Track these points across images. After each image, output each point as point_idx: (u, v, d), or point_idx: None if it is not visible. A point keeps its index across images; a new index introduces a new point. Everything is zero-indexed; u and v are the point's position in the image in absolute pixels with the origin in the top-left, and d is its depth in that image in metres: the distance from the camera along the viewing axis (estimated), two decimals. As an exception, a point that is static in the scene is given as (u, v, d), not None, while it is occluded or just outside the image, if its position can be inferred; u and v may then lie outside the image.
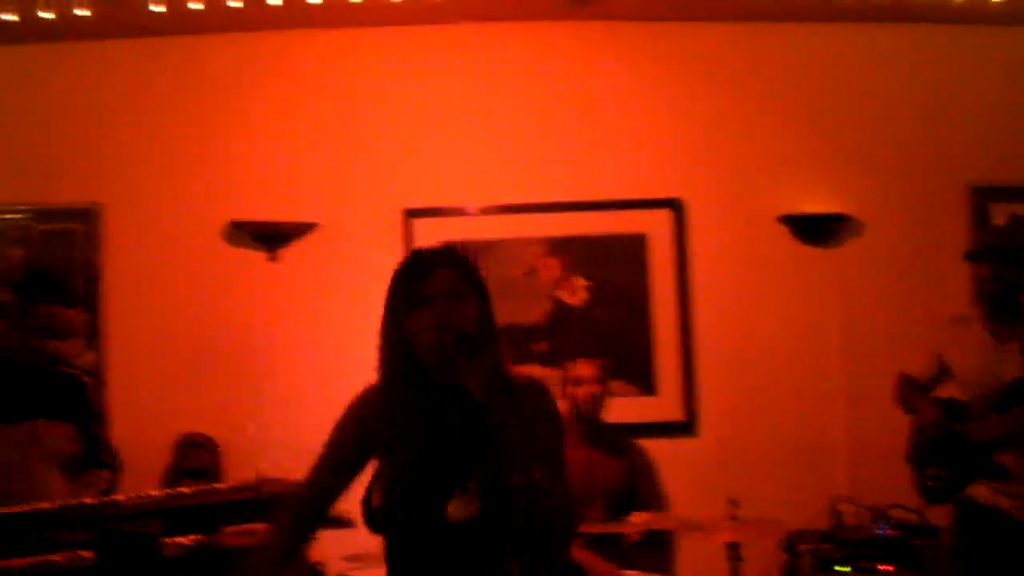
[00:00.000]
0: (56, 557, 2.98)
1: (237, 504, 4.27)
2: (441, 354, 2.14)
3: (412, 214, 5.35)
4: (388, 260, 5.25)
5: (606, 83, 5.48)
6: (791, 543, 4.85)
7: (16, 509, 3.06)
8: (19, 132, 5.47)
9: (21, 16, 5.03)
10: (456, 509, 2.09)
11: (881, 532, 4.67)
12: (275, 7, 5.05)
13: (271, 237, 5.25)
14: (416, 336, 2.17)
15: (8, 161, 5.44)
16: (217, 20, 5.16)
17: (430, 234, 5.32)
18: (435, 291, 2.18)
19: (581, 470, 4.51)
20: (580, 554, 4.13)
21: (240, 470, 4.78)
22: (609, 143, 5.44)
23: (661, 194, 5.42)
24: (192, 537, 3.19)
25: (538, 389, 2.26)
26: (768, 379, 5.34)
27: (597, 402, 4.56)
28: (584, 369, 4.58)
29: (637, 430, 4.82)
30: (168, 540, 3.13)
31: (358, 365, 5.32)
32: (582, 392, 4.55)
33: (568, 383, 4.61)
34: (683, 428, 5.36)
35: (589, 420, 4.55)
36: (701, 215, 5.42)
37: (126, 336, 5.28)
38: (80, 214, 5.38)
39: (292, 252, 5.31)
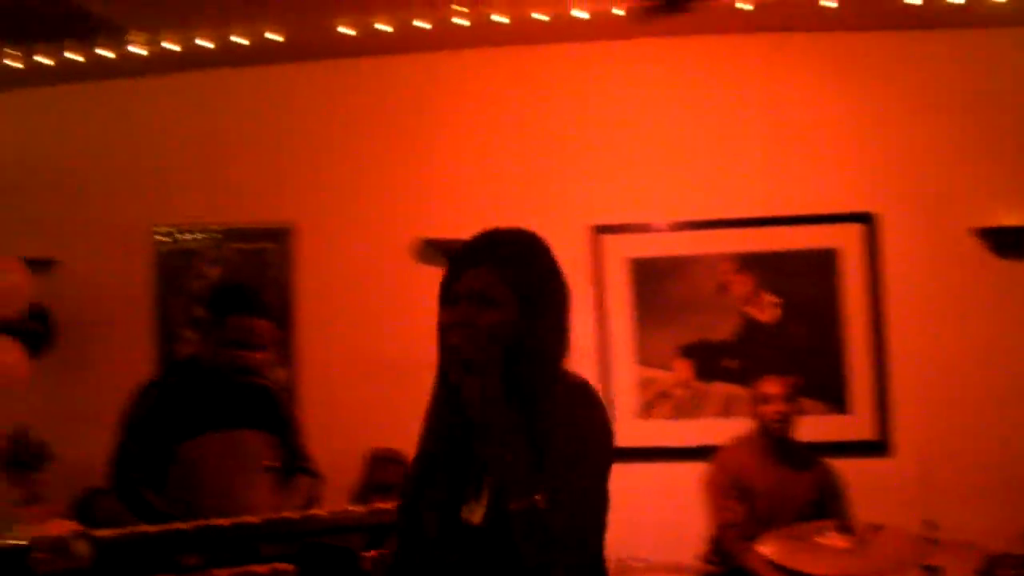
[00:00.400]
0: (258, 568, 3.03)
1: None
2: (446, 366, 2.03)
3: (601, 230, 5.33)
4: (576, 277, 5.30)
5: (795, 96, 5.38)
6: (990, 567, 4.71)
7: (223, 521, 3.12)
8: (214, 155, 5.63)
9: (216, 43, 5.14)
10: (469, 513, 2.02)
11: (1084, 558, 4.50)
12: (462, 27, 5.05)
13: (461, 254, 5.25)
14: (439, 335, 2.04)
15: (204, 183, 5.59)
16: (405, 41, 5.20)
17: (619, 250, 5.33)
18: (463, 291, 2.02)
19: (770, 489, 4.48)
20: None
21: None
22: (799, 157, 5.34)
23: (853, 208, 5.30)
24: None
25: (579, 395, 2.07)
26: (965, 397, 5.19)
27: (786, 420, 4.51)
28: (772, 387, 4.52)
29: (828, 449, 4.75)
30: (366, 554, 3.15)
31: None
32: (770, 410, 4.50)
33: (757, 401, 4.56)
34: (876, 448, 5.23)
35: (778, 438, 4.51)
36: (894, 229, 5.29)
37: (318, 353, 5.36)
38: (273, 233, 5.49)
39: (482, 269, 5.31)
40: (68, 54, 5.34)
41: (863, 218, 5.28)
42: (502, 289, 2.00)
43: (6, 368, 5.37)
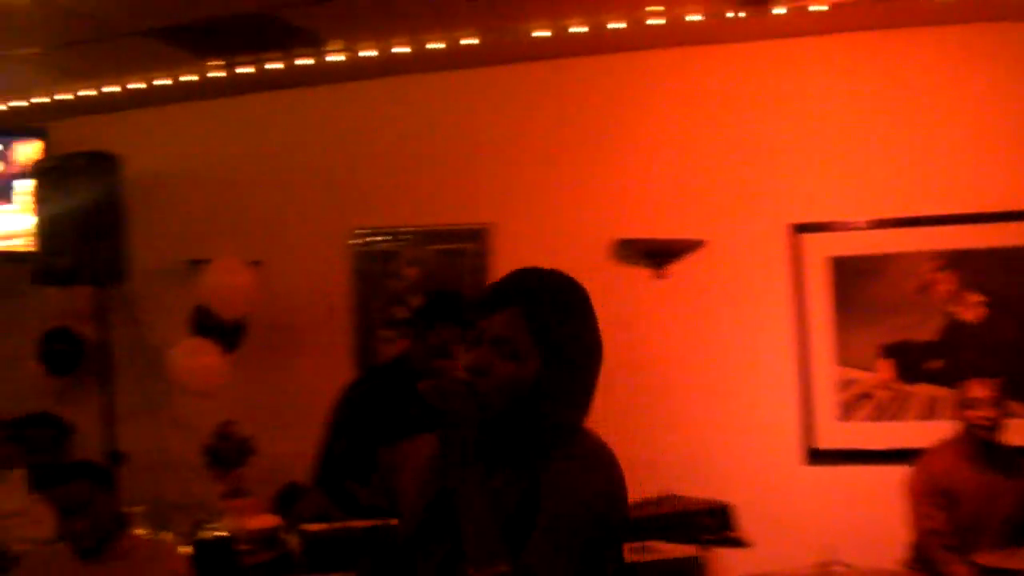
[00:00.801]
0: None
1: (642, 520, 4.32)
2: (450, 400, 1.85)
3: (800, 229, 5.26)
4: (775, 277, 5.28)
5: (1001, 87, 5.19)
6: None
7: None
8: (412, 157, 5.73)
9: (412, 48, 5.24)
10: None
11: None
12: (657, 26, 5.04)
13: (659, 254, 5.28)
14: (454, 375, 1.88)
15: (404, 185, 5.71)
16: (599, 42, 5.22)
17: (818, 249, 5.25)
18: (487, 335, 1.86)
19: (976, 496, 4.37)
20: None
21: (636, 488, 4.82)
22: (1004, 150, 5.16)
23: (1062, 202, 5.12)
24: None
25: (589, 461, 1.86)
26: None
27: (994, 425, 4.39)
28: (979, 390, 4.42)
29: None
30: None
31: (745, 382, 5.35)
32: (978, 415, 4.39)
33: (962, 405, 4.46)
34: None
35: (985, 443, 4.40)
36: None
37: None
38: (471, 234, 5.57)
39: (679, 269, 5.32)
40: (269, 64, 5.51)
41: (1074, 213, 5.10)
42: (525, 338, 1.85)
43: (207, 371, 5.59)
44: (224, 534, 4.46)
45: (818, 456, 5.19)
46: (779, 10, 4.83)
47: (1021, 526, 4.38)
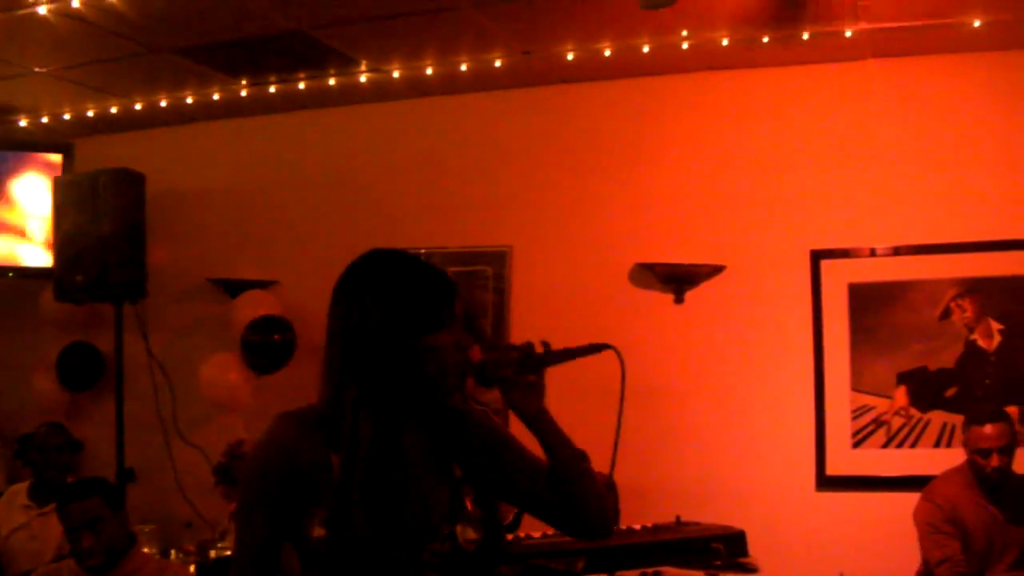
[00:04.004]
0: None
1: (654, 545, 4.32)
2: (454, 378, 2.11)
3: (820, 255, 5.26)
4: (793, 303, 5.27)
5: (1020, 115, 5.21)
6: None
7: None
8: (436, 178, 5.80)
9: (440, 70, 5.29)
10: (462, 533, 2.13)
11: None
12: (680, 50, 5.07)
13: (679, 279, 5.29)
14: (434, 355, 2.05)
15: (426, 206, 5.75)
16: (623, 65, 5.26)
17: (838, 276, 5.25)
18: (459, 315, 2.11)
19: (984, 525, 4.37)
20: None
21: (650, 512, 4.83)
22: (1024, 178, 5.18)
23: (1082, 231, 5.12)
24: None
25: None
26: None
27: (1003, 470, 4.37)
28: (989, 435, 4.36)
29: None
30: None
31: (761, 408, 5.34)
32: (988, 464, 4.35)
33: (971, 448, 4.43)
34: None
35: (996, 479, 4.38)
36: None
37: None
38: (491, 256, 5.59)
39: (698, 294, 5.33)
40: (297, 84, 5.57)
41: (1093, 241, 5.10)
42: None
43: (234, 387, 5.61)
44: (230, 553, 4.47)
45: (830, 482, 5.17)
46: (805, 35, 4.85)
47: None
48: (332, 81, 5.55)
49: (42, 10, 4.51)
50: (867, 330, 5.21)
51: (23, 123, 6.07)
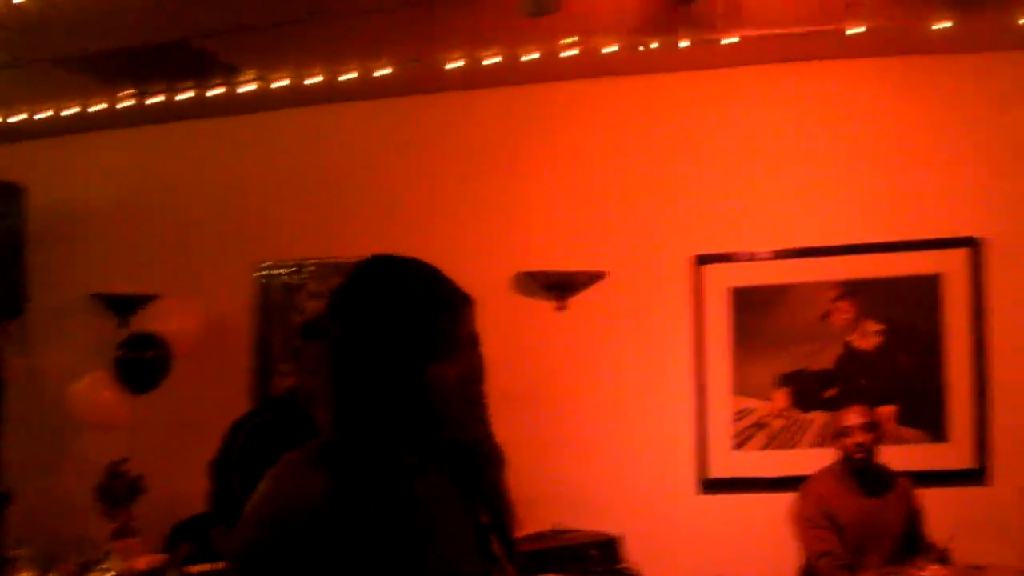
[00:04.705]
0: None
1: (531, 554, 4.33)
2: (472, 407, 1.76)
3: (702, 260, 5.31)
4: (676, 308, 5.31)
5: (897, 120, 5.28)
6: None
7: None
8: (319, 190, 5.77)
9: (325, 78, 5.24)
10: None
11: None
12: (569, 58, 5.04)
13: (561, 286, 5.31)
14: (446, 384, 1.72)
15: (309, 217, 5.70)
16: (509, 73, 5.23)
17: (719, 280, 5.30)
18: (471, 331, 1.78)
19: (857, 518, 4.46)
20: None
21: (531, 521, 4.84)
22: (902, 181, 5.23)
23: (958, 232, 5.20)
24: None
25: None
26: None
27: (867, 450, 4.47)
28: (853, 418, 4.49)
29: (926, 478, 4.72)
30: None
31: (642, 413, 5.38)
32: (851, 442, 4.47)
33: (837, 433, 4.54)
34: (974, 476, 5.10)
35: (860, 469, 4.48)
36: (1000, 253, 5.16)
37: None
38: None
39: (581, 301, 5.35)
40: (180, 94, 5.48)
41: (968, 242, 5.18)
42: None
43: (108, 406, 5.50)
44: (111, 574, 4.40)
45: (711, 485, 5.23)
46: (684, 42, 4.85)
47: (904, 544, 4.44)
48: (216, 91, 5.46)
49: (-83, 19, 4.41)
50: (749, 333, 5.27)
51: (-100, 138, 5.93)
